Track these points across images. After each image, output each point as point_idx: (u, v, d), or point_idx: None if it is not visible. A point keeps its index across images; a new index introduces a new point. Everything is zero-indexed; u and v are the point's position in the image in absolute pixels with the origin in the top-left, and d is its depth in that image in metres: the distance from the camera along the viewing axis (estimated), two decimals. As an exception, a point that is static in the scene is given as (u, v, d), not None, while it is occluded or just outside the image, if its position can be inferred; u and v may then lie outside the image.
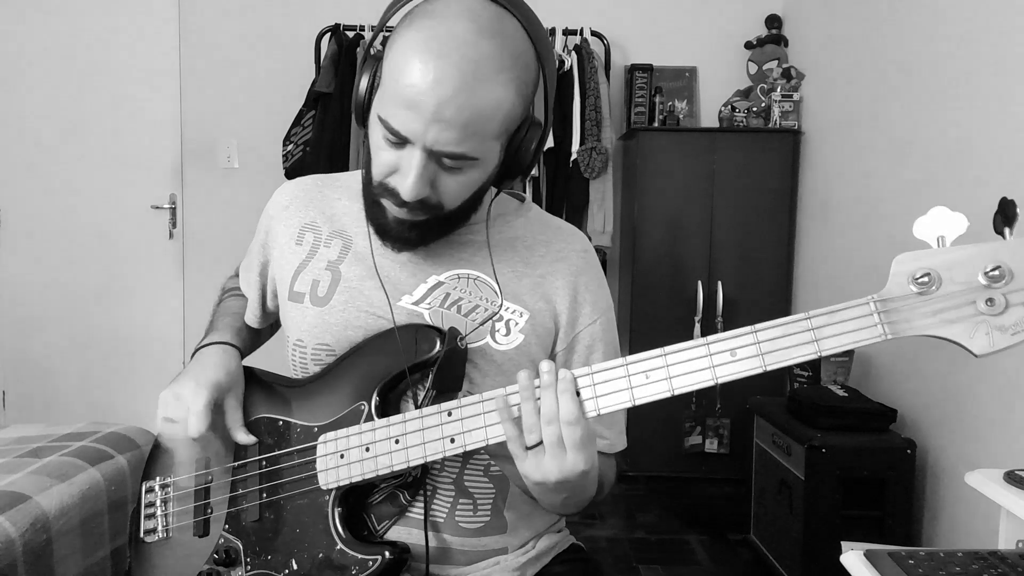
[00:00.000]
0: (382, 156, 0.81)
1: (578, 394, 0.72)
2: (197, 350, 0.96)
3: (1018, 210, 0.64)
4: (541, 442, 0.72)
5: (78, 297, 3.31)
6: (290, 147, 3.01)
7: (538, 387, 0.73)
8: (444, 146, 0.77)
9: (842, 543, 1.14)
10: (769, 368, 0.68)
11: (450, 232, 0.89)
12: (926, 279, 0.64)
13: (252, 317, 1.06)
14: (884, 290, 0.66)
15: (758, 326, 0.68)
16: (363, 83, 0.83)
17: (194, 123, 3.33)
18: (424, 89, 0.74)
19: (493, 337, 0.89)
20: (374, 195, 0.85)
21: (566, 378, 0.72)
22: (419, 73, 0.74)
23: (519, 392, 0.73)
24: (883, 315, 0.65)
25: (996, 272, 0.63)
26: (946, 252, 0.65)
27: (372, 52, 0.86)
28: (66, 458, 1.37)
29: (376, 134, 0.81)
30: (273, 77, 3.28)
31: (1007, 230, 0.64)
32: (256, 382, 0.96)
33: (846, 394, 2.20)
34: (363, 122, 0.85)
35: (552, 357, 0.93)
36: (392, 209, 0.84)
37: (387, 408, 0.85)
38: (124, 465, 1.43)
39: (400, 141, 0.78)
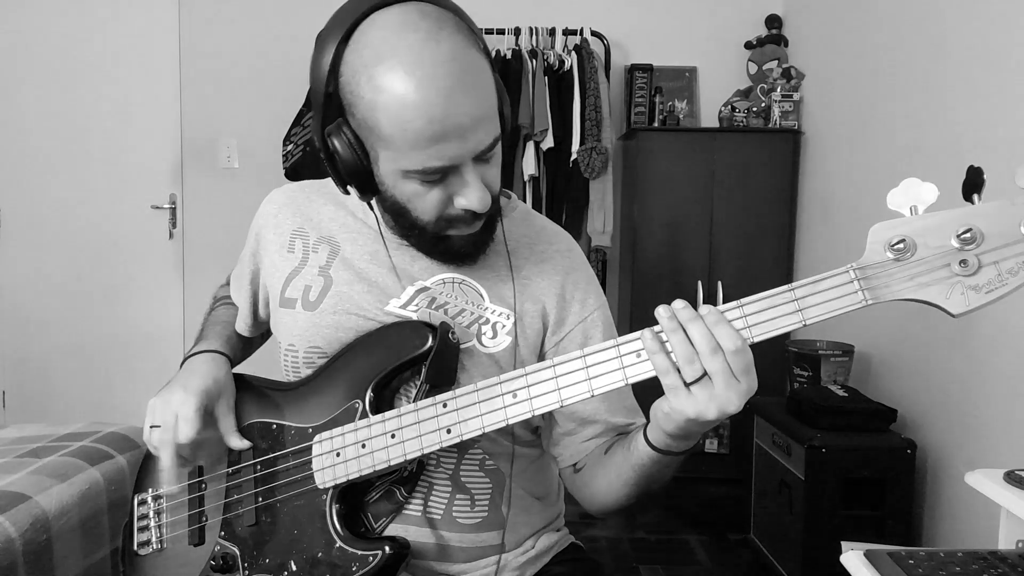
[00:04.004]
0: (428, 199, 0.80)
1: None
2: (186, 359, 0.96)
3: (985, 176, 0.66)
4: (703, 376, 0.69)
5: (78, 297, 3.31)
6: (290, 147, 3.01)
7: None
8: (483, 144, 0.77)
9: (842, 543, 1.14)
10: (756, 339, 0.70)
11: (497, 222, 0.89)
12: (901, 245, 0.67)
13: (243, 326, 1.06)
14: (862, 258, 0.68)
15: (743, 300, 0.70)
16: (348, 159, 0.79)
17: (194, 123, 3.33)
18: (443, 116, 0.73)
19: (480, 340, 0.89)
20: (437, 234, 0.84)
21: (714, 311, 0.70)
22: (427, 107, 0.73)
23: (663, 326, 0.70)
24: (863, 282, 0.68)
25: (968, 235, 0.65)
26: (919, 219, 0.67)
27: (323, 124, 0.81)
28: (66, 458, 1.37)
29: (407, 188, 0.79)
30: (273, 77, 3.27)
31: (975, 196, 0.66)
32: (247, 388, 0.95)
33: (846, 394, 2.20)
34: (372, 190, 0.83)
35: (541, 357, 0.93)
36: (462, 232, 0.84)
37: (381, 405, 0.85)
38: (124, 465, 1.43)
39: (443, 174, 0.78)
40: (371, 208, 0.92)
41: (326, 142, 0.81)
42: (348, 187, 0.84)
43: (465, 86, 0.74)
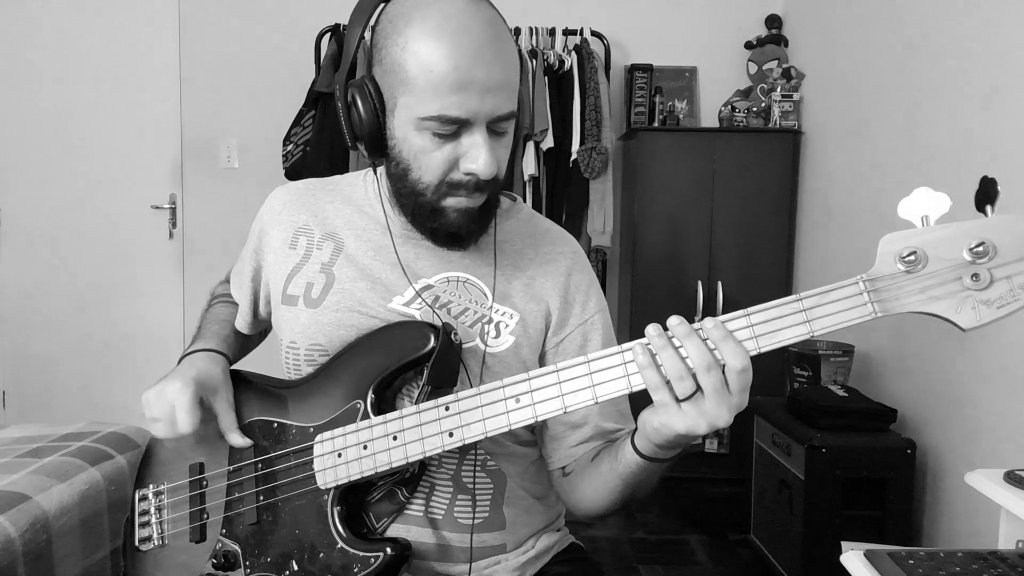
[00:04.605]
0: (435, 157, 0.81)
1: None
2: (182, 358, 0.96)
3: (999, 188, 0.65)
4: (695, 392, 0.68)
5: (78, 297, 3.31)
6: (290, 147, 3.01)
7: (672, 338, 0.69)
8: (500, 110, 0.79)
9: (842, 543, 1.14)
10: (763, 350, 0.69)
11: (495, 213, 0.90)
12: (912, 257, 0.66)
13: (243, 323, 1.06)
14: (872, 270, 0.67)
15: (751, 309, 0.69)
16: (365, 113, 0.82)
17: (194, 123, 3.33)
18: (469, 65, 0.76)
19: (483, 339, 0.89)
20: (434, 203, 0.84)
21: (720, 326, 0.68)
22: (458, 53, 0.76)
23: (651, 344, 0.69)
24: (872, 294, 0.67)
25: (980, 248, 0.64)
26: (931, 231, 0.66)
27: (342, 85, 0.84)
28: (66, 458, 1.37)
29: (417, 142, 0.81)
30: (273, 77, 3.28)
31: (988, 208, 0.65)
32: (248, 385, 0.95)
33: (846, 394, 2.20)
34: (380, 149, 0.84)
35: (541, 356, 0.93)
36: (460, 203, 0.84)
37: (383, 405, 0.85)
38: (124, 465, 1.43)
39: (455, 130, 0.79)
40: (375, 176, 0.93)
41: (347, 93, 0.83)
42: (358, 143, 0.85)
43: (496, 49, 0.78)
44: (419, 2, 0.79)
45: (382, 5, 0.83)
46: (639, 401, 0.78)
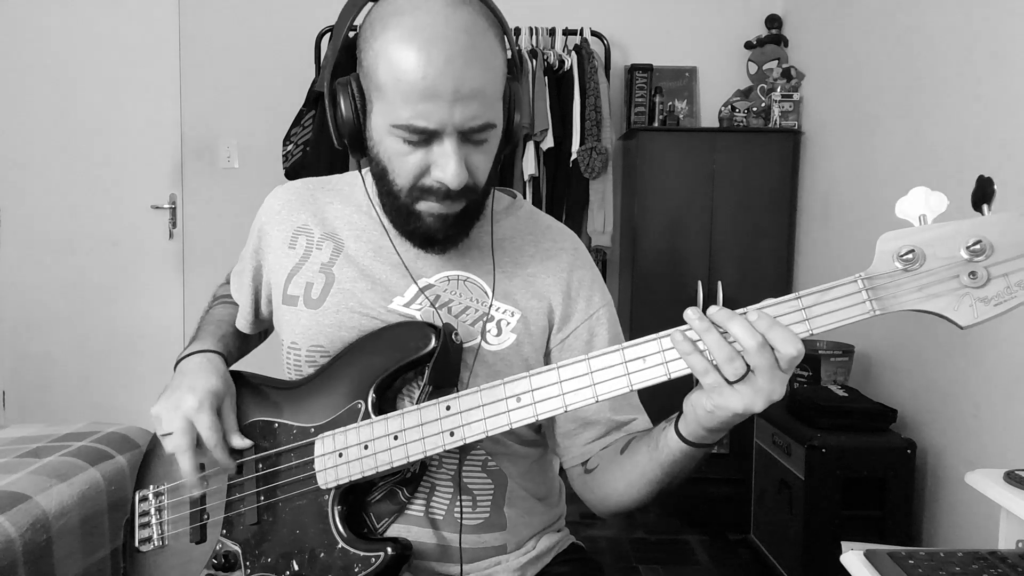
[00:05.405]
0: (407, 162, 0.81)
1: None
2: (179, 361, 0.95)
3: (995, 187, 0.66)
4: (747, 371, 0.67)
5: (78, 297, 3.31)
6: (290, 147, 3.01)
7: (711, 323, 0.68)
8: (472, 121, 0.78)
9: (842, 543, 1.14)
10: None
11: (477, 218, 0.89)
12: (910, 255, 0.66)
13: (244, 323, 1.05)
14: (870, 268, 0.68)
15: (749, 308, 0.69)
16: (346, 112, 0.82)
17: (194, 123, 3.33)
18: (437, 74, 0.75)
19: (484, 338, 0.89)
20: (408, 205, 0.84)
21: (765, 315, 0.67)
22: (425, 62, 0.75)
23: (693, 328, 0.69)
24: (871, 292, 0.67)
25: (977, 246, 0.65)
26: (928, 229, 0.67)
27: (326, 85, 0.85)
28: (66, 458, 1.37)
29: (391, 145, 0.81)
30: (273, 77, 3.28)
31: (985, 206, 0.66)
32: (248, 386, 0.95)
33: (846, 394, 2.20)
34: (362, 148, 0.85)
35: (546, 354, 0.93)
36: (432, 208, 0.83)
37: (384, 406, 0.85)
38: (124, 465, 1.43)
39: (426, 138, 0.78)
40: (362, 176, 0.93)
41: (333, 92, 0.84)
42: (343, 141, 0.86)
43: (468, 57, 0.76)
44: (398, 7, 0.78)
45: (369, 5, 0.83)
46: (649, 394, 0.77)
